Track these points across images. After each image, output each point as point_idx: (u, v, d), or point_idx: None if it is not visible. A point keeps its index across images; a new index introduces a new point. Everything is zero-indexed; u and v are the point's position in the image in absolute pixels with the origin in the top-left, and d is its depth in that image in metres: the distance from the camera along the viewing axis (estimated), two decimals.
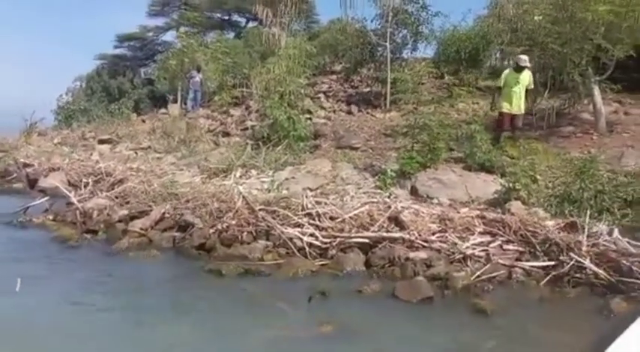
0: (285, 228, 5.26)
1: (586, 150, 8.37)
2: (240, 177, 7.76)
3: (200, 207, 6.12)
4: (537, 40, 9.24)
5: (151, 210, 6.27)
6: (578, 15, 8.35)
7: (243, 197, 6.03)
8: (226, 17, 23.23)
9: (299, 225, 5.33)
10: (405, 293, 3.88)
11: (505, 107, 8.15)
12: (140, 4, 29.88)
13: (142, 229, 5.89)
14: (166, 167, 8.99)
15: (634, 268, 3.94)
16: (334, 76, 15.95)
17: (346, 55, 14.13)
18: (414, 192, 6.91)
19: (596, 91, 9.29)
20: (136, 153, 10.69)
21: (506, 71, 8.36)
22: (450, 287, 4.09)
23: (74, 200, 6.91)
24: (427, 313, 3.77)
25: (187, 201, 6.39)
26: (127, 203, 6.86)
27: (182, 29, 19.70)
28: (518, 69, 8.14)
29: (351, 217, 5.28)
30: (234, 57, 15.42)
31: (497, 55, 14.01)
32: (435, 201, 6.54)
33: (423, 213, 5.65)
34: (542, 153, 7.76)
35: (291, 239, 5.10)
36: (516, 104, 8.12)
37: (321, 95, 13.87)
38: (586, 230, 4.55)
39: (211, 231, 5.53)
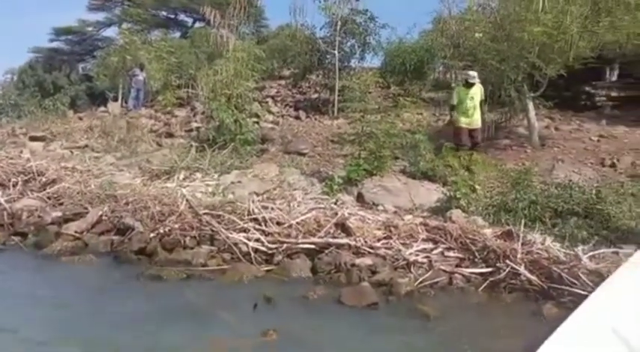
0: (231, 233, 5.16)
1: (521, 162, 8.86)
2: (184, 179, 7.53)
3: (141, 209, 5.88)
4: (478, 56, 9.69)
5: (87, 212, 5.96)
6: (515, 34, 8.84)
7: (187, 200, 5.86)
8: (172, 16, 22.65)
9: (245, 230, 5.24)
10: (350, 299, 3.90)
11: (463, 122, 8.28)
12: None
13: (76, 232, 5.57)
14: (105, 167, 8.56)
15: (564, 275, 4.18)
16: (283, 81, 15.94)
17: (295, 61, 14.19)
18: (360, 198, 6.99)
19: (531, 107, 9.87)
20: (71, 152, 10.11)
21: (458, 88, 8.56)
22: (394, 293, 4.16)
23: (1, 200, 6.43)
24: (372, 319, 3.80)
25: (127, 203, 6.11)
26: (61, 204, 6.47)
27: (125, 25, 19.01)
28: (468, 85, 8.33)
29: (297, 223, 5.26)
30: (180, 57, 15.06)
31: (441, 68, 14.56)
32: (381, 207, 6.65)
33: (369, 219, 5.72)
34: (481, 164, 8.12)
35: (236, 244, 5.01)
36: (474, 118, 8.30)
37: (269, 99, 13.81)
38: (521, 238, 4.78)
39: (152, 234, 5.33)
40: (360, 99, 8.93)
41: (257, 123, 10.73)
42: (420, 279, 4.40)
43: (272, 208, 5.72)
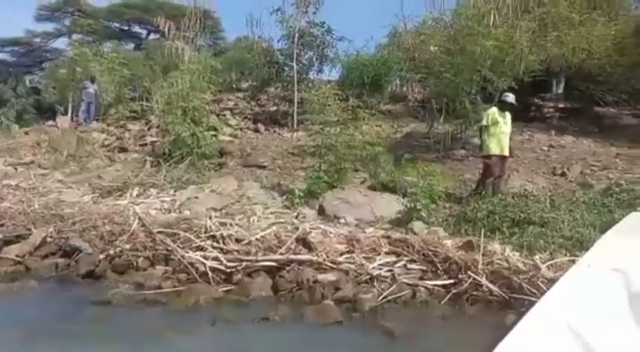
0: (187, 252, 4.92)
1: (477, 172, 9.04)
2: (138, 196, 7.21)
3: (89, 229, 5.55)
4: (433, 69, 9.91)
5: (30, 234, 5.55)
6: (468, 48, 9.10)
7: (140, 218, 5.58)
8: (125, 27, 22.11)
9: (202, 249, 5.02)
10: (313, 318, 3.78)
11: (495, 149, 7.10)
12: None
13: (17, 256, 5.17)
14: (52, 184, 8.09)
15: (524, 285, 4.22)
16: (241, 94, 15.77)
17: (253, 73, 14.08)
18: (321, 211, 6.90)
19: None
20: (15, 168, 9.52)
21: (493, 109, 7.37)
22: (358, 310, 4.06)
23: None
24: (335, 338, 3.68)
25: (74, 223, 5.75)
26: (1, 226, 6.01)
27: (75, 36, 18.36)
28: (504, 106, 7.38)
29: (257, 239, 5.09)
30: (134, 69, 14.64)
31: (397, 81, 14.83)
32: (343, 220, 6.57)
33: (330, 233, 5.63)
34: (439, 175, 8.22)
35: (192, 264, 4.77)
36: (506, 145, 7.28)
37: (227, 112, 13.61)
38: (481, 248, 4.80)
39: (101, 256, 5.02)
40: (319, 112, 8.92)
41: (215, 136, 10.47)
42: (384, 294, 4.32)
43: (231, 224, 5.53)
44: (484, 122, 7.20)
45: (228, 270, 4.69)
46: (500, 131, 7.12)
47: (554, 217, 5.72)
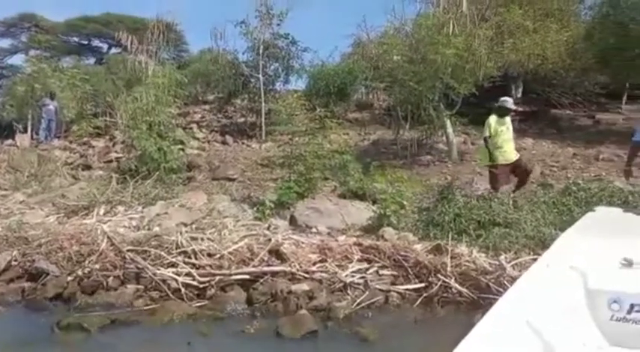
0: (158, 269, 4.86)
1: (443, 176, 9.28)
2: (105, 214, 7.05)
3: (56, 251, 5.38)
4: (397, 77, 10.14)
5: None
6: (429, 57, 9.37)
7: (108, 237, 5.48)
8: (85, 42, 21.68)
9: (173, 265, 4.96)
10: (289, 329, 3.80)
11: (501, 159, 6.85)
12: None
13: None
14: (13, 206, 7.81)
15: (491, 285, 4.37)
16: (207, 106, 15.72)
17: (219, 85, 14.06)
18: (293, 222, 6.92)
19: (448, 124, 10.44)
20: None
21: (492, 119, 7.03)
22: (332, 318, 4.11)
23: None
24: (312, 347, 3.73)
25: (39, 245, 5.58)
26: None
27: (32, 53, 17.86)
28: (502, 113, 7.09)
29: (230, 252, 5.07)
30: (96, 84, 14.37)
31: (363, 89, 15.09)
32: (314, 230, 6.61)
33: (303, 243, 5.66)
34: (407, 181, 8.39)
35: (164, 281, 4.72)
36: (512, 151, 7.04)
37: (194, 125, 13.53)
38: (449, 251, 4.94)
39: (70, 278, 4.89)
40: (287, 122, 8.96)
41: (182, 150, 10.38)
42: (358, 301, 4.39)
43: (202, 239, 5.49)
44: (486, 133, 6.96)
45: (202, 285, 4.66)
46: (503, 139, 6.91)
47: (517, 218, 5.90)
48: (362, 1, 26.04)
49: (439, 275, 4.63)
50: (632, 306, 2.48)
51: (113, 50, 20.28)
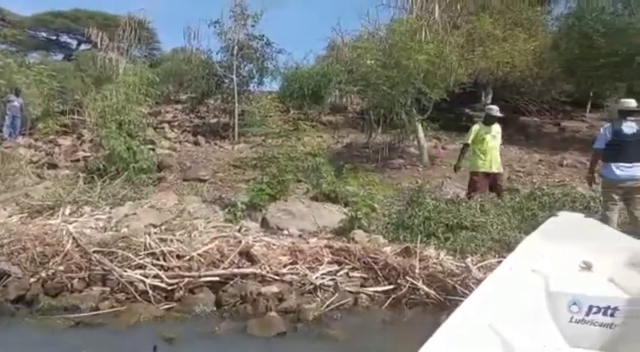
0: (125, 271, 4.77)
1: (414, 180, 9.42)
2: (71, 214, 6.88)
3: (18, 252, 5.22)
4: (370, 81, 10.25)
5: None
6: (402, 62, 9.51)
7: (74, 238, 5.35)
8: (53, 37, 21.11)
9: (141, 267, 4.88)
10: (258, 331, 3.80)
11: (480, 165, 6.91)
12: None
13: None
14: None
15: (457, 287, 4.47)
16: (179, 106, 15.51)
17: (192, 85, 13.92)
18: (264, 224, 6.91)
19: (420, 129, 10.61)
20: None
21: (477, 126, 7.20)
22: (301, 320, 4.12)
23: None
24: (280, 349, 3.73)
25: (1, 245, 5.40)
26: None
27: None
28: (490, 121, 7.13)
29: (199, 254, 5.02)
30: (63, 81, 13.99)
31: (337, 92, 15.18)
32: (286, 232, 6.61)
33: (274, 245, 5.66)
34: (378, 184, 8.48)
35: (131, 282, 4.64)
36: (496, 161, 7.03)
37: (166, 125, 13.32)
38: (418, 254, 5.03)
39: (33, 279, 4.75)
40: (260, 124, 8.95)
41: (152, 150, 10.22)
42: (327, 303, 4.42)
43: (171, 240, 5.41)
44: (466, 139, 7.08)
45: (170, 287, 4.60)
46: (487, 147, 6.90)
47: (484, 221, 6.05)
48: (337, 5, 26.30)
49: (407, 278, 4.71)
50: (590, 308, 2.58)
51: (82, 46, 19.80)
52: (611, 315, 2.51)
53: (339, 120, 15.02)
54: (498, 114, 7.19)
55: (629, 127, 5.51)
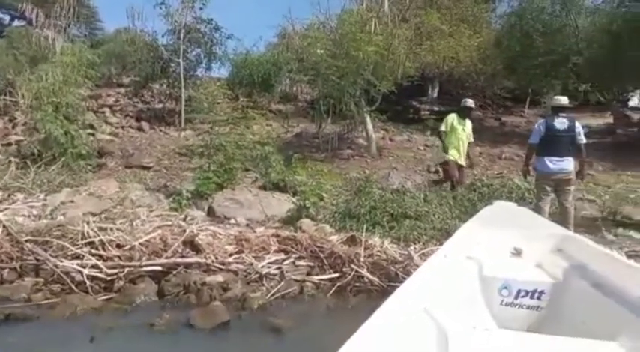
0: (61, 261, 4.55)
1: (362, 170, 9.58)
2: (1, 202, 6.48)
3: None
4: (320, 71, 10.25)
5: None
6: (352, 53, 9.57)
7: (4, 226, 5.03)
8: None
9: (78, 257, 4.68)
10: (200, 321, 3.74)
11: (453, 155, 7.18)
12: None
13: None
14: None
15: (399, 273, 4.60)
16: (122, 89, 14.87)
17: (136, 68, 13.36)
18: (211, 212, 6.80)
19: (368, 120, 10.76)
20: None
21: (452, 116, 7.38)
22: (246, 308, 4.10)
23: None
24: (223, 338, 3.69)
25: None
26: None
27: None
28: (464, 113, 7.33)
29: (141, 244, 4.87)
30: None
31: (288, 81, 15.09)
32: (233, 221, 6.55)
33: (220, 234, 5.58)
34: (327, 174, 8.56)
35: (67, 273, 4.43)
36: (463, 153, 7.31)
37: (107, 109, 12.75)
38: (363, 242, 5.13)
39: None
40: (208, 110, 8.76)
41: (92, 135, 9.77)
42: (272, 291, 4.42)
43: (111, 229, 5.21)
44: (442, 128, 7.22)
45: (109, 278, 4.43)
46: (458, 138, 7.12)
47: (427, 211, 6.27)
48: None
49: (352, 266, 4.79)
50: (519, 292, 2.74)
51: (16, 22, 18.46)
52: (538, 298, 2.68)
53: (290, 109, 14.97)
54: (472, 104, 7.38)
55: (561, 123, 5.84)
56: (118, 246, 4.86)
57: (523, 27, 12.43)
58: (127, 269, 4.49)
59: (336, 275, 4.79)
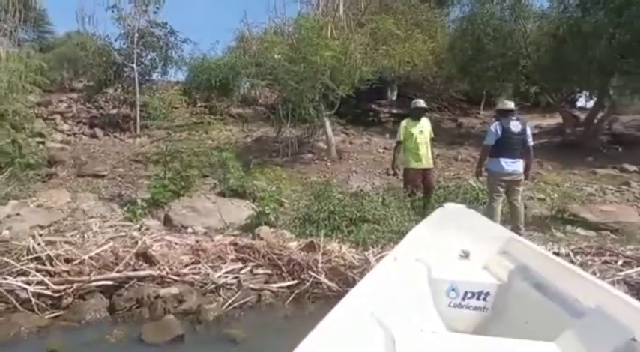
0: (4, 279, 4.34)
1: (322, 175, 9.59)
2: None
3: None
4: (278, 76, 10.21)
5: None
6: (309, 57, 9.58)
7: None
8: None
9: (24, 273, 4.47)
10: (153, 336, 3.64)
11: (412, 163, 6.91)
12: None
13: None
14: None
15: (357, 278, 4.63)
16: (75, 95, 14.35)
17: (88, 73, 12.93)
18: (167, 222, 6.65)
19: (328, 124, 10.80)
20: None
21: (405, 121, 7.08)
22: (201, 321, 4.03)
23: None
24: None
25: None
26: None
27: None
28: (417, 115, 7.04)
29: (91, 257, 4.70)
30: None
31: (247, 85, 14.97)
32: (190, 230, 6.42)
33: (176, 244, 5.46)
34: (286, 179, 8.52)
35: (12, 290, 4.23)
36: (426, 156, 6.96)
37: (58, 116, 12.27)
38: (321, 248, 5.14)
39: None
40: (164, 116, 8.56)
41: (42, 143, 9.38)
42: (229, 302, 4.36)
43: (60, 243, 5.02)
44: (398, 137, 7.02)
45: (56, 294, 4.26)
46: (417, 142, 6.86)
47: (384, 214, 6.33)
48: None
49: (311, 272, 4.79)
50: (466, 293, 2.82)
51: None
52: (484, 299, 2.77)
53: (250, 113, 14.86)
54: (424, 105, 7.14)
55: (515, 126, 6.05)
56: (67, 261, 4.68)
57: (475, 32, 12.81)
58: (75, 285, 4.32)
59: (295, 282, 4.79)
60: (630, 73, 11.10)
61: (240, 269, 4.91)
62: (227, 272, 4.81)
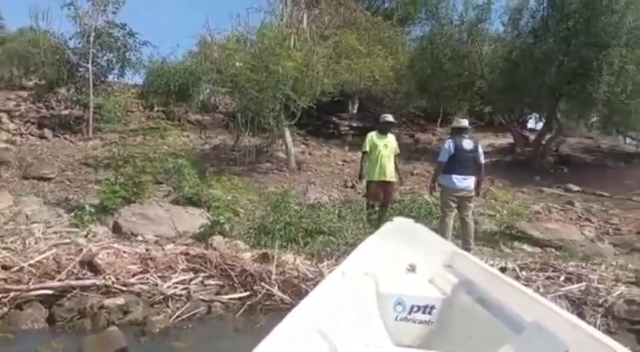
0: None
1: (280, 185, 9.56)
2: None
3: None
4: (239, 83, 10.15)
5: None
6: (271, 67, 9.58)
7: None
8: None
9: None
10: (93, 348, 3.46)
11: (375, 175, 6.90)
12: None
13: None
14: None
15: (309, 291, 4.60)
16: (25, 93, 13.71)
17: (40, 71, 12.40)
18: (117, 229, 6.41)
19: (288, 134, 10.80)
20: None
21: (372, 134, 7.06)
22: (146, 333, 3.88)
23: None
24: None
25: None
26: None
27: None
28: (384, 129, 7.04)
29: (31, 265, 4.46)
30: None
31: (207, 91, 14.78)
32: (140, 238, 6.22)
33: (125, 253, 5.26)
34: (243, 188, 8.42)
35: None
36: (388, 170, 6.93)
37: (4, 114, 11.68)
38: (276, 259, 5.08)
39: None
40: (119, 119, 8.32)
41: None
42: (177, 313, 4.23)
43: None
44: (364, 148, 7.01)
45: None
46: (381, 155, 6.85)
47: (340, 227, 6.36)
48: (208, 2, 25.66)
49: (263, 284, 4.72)
50: (412, 307, 2.86)
51: None
52: (429, 313, 2.81)
53: (209, 120, 14.65)
54: (392, 119, 7.18)
55: (467, 144, 6.25)
56: (4, 268, 4.41)
57: (434, 51, 13.23)
58: (12, 294, 4.07)
59: (247, 293, 4.70)
60: (577, 99, 11.75)
61: (191, 279, 4.78)
62: (177, 283, 4.67)
